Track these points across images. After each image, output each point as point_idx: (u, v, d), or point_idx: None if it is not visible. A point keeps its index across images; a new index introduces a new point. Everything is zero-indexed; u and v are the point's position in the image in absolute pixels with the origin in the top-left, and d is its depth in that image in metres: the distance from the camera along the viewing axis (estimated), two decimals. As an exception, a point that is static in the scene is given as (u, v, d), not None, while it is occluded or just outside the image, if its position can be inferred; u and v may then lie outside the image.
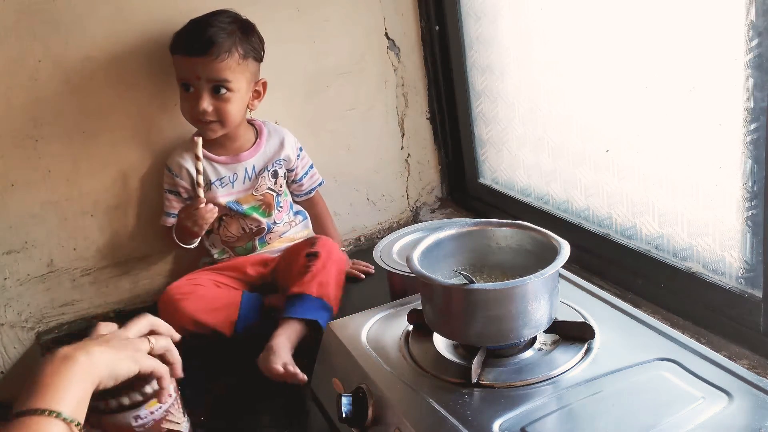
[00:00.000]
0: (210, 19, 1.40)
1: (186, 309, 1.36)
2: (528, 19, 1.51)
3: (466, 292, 0.91)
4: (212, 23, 1.39)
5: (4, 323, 1.56)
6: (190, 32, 1.40)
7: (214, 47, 1.37)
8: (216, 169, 1.50)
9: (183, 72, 1.42)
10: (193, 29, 1.40)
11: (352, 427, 0.96)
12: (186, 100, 1.44)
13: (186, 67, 1.41)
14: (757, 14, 1.02)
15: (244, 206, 1.52)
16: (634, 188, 1.34)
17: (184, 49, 1.40)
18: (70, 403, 0.75)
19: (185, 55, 1.40)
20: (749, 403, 0.83)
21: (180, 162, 1.49)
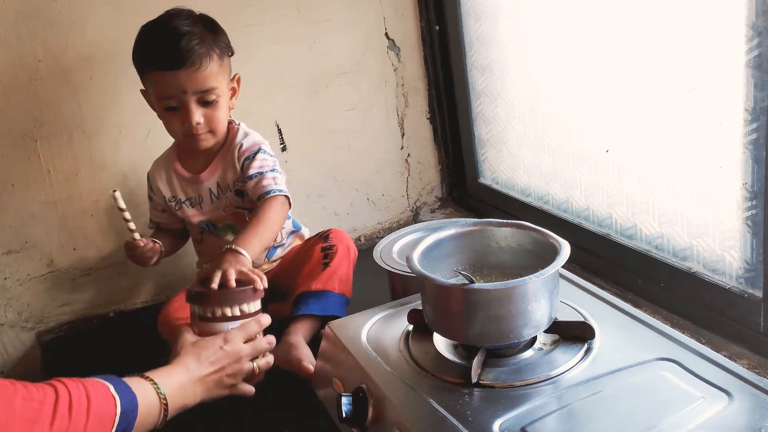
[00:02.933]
0: (173, 26, 1.26)
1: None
2: (528, 19, 1.51)
3: (466, 292, 0.91)
4: (178, 29, 1.25)
5: (4, 323, 1.56)
6: (161, 45, 1.25)
7: (195, 56, 1.24)
8: (183, 187, 1.42)
9: (165, 89, 1.27)
10: (163, 41, 1.26)
11: (352, 427, 0.96)
12: (173, 118, 1.31)
13: (168, 84, 1.26)
14: (757, 14, 1.02)
15: (218, 226, 1.43)
16: (634, 188, 1.34)
17: (161, 65, 1.25)
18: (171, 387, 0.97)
19: (163, 70, 1.25)
20: (749, 403, 0.83)
21: (156, 178, 1.43)
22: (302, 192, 1.78)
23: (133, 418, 0.89)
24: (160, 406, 0.95)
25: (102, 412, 0.86)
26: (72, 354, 1.51)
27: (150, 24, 1.30)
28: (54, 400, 0.83)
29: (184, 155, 1.43)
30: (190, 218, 1.43)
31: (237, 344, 1.06)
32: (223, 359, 1.04)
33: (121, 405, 0.88)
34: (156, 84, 1.29)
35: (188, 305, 1.19)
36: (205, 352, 1.03)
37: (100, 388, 0.88)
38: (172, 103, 1.29)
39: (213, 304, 1.11)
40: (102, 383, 0.89)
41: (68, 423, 0.82)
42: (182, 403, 0.99)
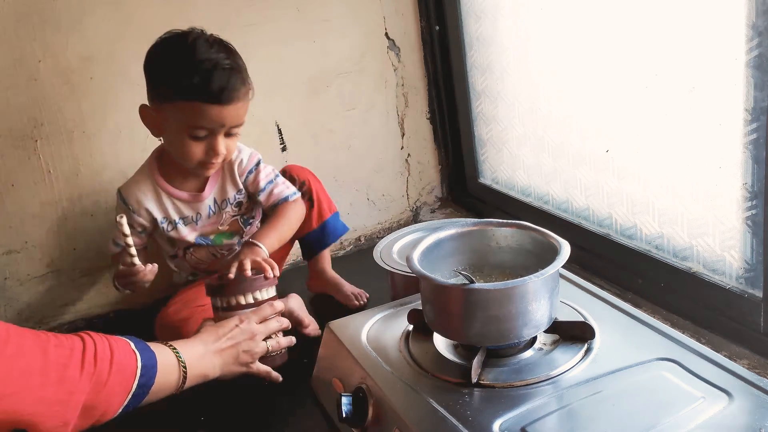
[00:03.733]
0: (215, 60, 1.22)
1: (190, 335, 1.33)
2: (528, 19, 1.51)
3: (466, 292, 0.91)
4: (221, 64, 1.22)
5: (4, 323, 1.56)
6: (211, 79, 1.21)
7: (240, 94, 1.24)
8: (178, 208, 1.38)
9: (202, 121, 1.23)
10: (212, 75, 1.21)
11: (352, 427, 0.96)
12: (196, 146, 1.26)
13: (208, 117, 1.23)
14: (757, 14, 1.02)
15: (211, 237, 1.43)
16: (634, 188, 1.34)
17: (209, 98, 1.21)
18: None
19: (209, 104, 1.22)
20: (749, 403, 0.83)
21: (140, 199, 1.36)
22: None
23: (153, 374, 0.97)
24: (179, 369, 1.02)
25: (124, 363, 0.93)
26: (72, 354, 1.50)
27: (180, 49, 1.23)
28: (82, 348, 0.90)
29: (173, 175, 1.37)
30: (183, 237, 1.40)
31: (251, 324, 1.14)
32: (238, 335, 1.12)
33: (141, 360, 0.95)
34: (191, 113, 1.23)
35: (187, 308, 1.29)
36: (222, 330, 1.12)
37: (122, 343, 0.95)
38: (202, 133, 1.25)
39: (228, 294, 1.19)
40: (124, 340, 0.96)
41: (93, 370, 0.89)
42: (201, 372, 1.06)
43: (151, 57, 1.27)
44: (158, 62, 1.26)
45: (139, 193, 1.37)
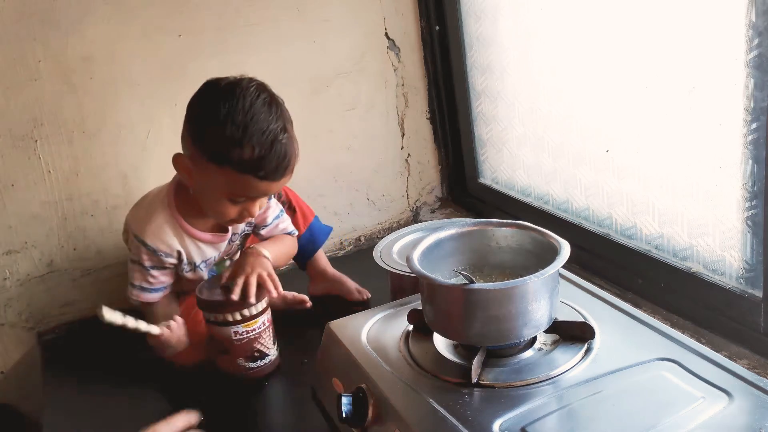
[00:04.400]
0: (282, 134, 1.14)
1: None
2: (528, 19, 1.51)
3: (466, 292, 0.91)
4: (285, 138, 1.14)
5: (4, 323, 1.56)
6: (272, 157, 1.13)
7: (293, 166, 1.17)
8: (202, 250, 1.32)
9: (250, 192, 1.17)
10: (275, 153, 1.12)
11: (352, 427, 0.96)
12: (232, 208, 1.20)
13: (258, 189, 1.17)
14: (757, 14, 1.02)
15: (214, 267, 1.41)
16: (634, 188, 1.34)
17: (265, 175, 1.14)
18: None
19: (263, 179, 1.14)
20: (749, 403, 0.83)
21: (170, 243, 1.27)
22: (302, 192, 1.77)
23: None
24: None
25: None
26: (72, 354, 1.50)
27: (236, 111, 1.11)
28: None
29: (193, 215, 1.28)
30: (201, 277, 1.35)
31: None
32: None
33: None
34: (239, 184, 1.15)
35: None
36: None
37: None
38: (242, 199, 1.19)
39: (227, 311, 1.22)
40: None
41: None
42: None
43: (204, 107, 1.15)
44: (213, 118, 1.12)
45: (166, 237, 1.27)
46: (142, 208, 1.32)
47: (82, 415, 1.29)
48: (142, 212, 1.31)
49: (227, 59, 1.61)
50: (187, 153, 1.20)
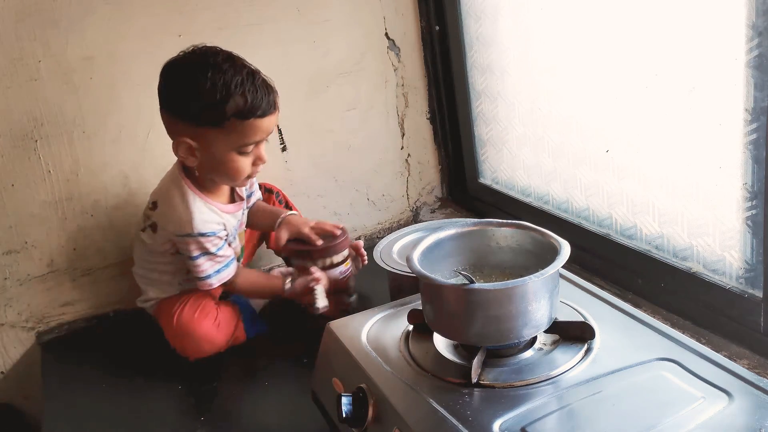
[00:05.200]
0: (257, 73, 1.26)
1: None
2: (528, 19, 1.51)
3: (466, 292, 0.91)
4: (259, 74, 1.26)
5: (4, 323, 1.56)
6: (262, 94, 1.24)
7: (277, 97, 1.28)
8: (230, 222, 1.38)
9: (255, 135, 1.25)
10: (260, 89, 1.24)
11: (352, 427, 0.95)
12: (244, 160, 1.28)
13: (261, 129, 1.25)
14: (757, 14, 1.02)
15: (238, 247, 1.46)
16: (634, 188, 1.34)
17: (263, 112, 1.24)
18: None
19: (263, 117, 1.24)
20: (749, 403, 0.83)
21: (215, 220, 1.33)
22: (302, 192, 1.78)
23: None
24: None
25: None
26: (72, 354, 1.51)
27: (216, 71, 1.21)
28: None
29: (211, 192, 1.35)
30: (235, 248, 1.41)
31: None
32: None
33: None
34: (244, 131, 1.24)
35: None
36: None
37: None
38: (249, 148, 1.26)
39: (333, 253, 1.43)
40: None
41: None
42: None
43: (181, 87, 1.23)
44: (195, 90, 1.21)
45: (210, 217, 1.32)
46: (171, 209, 1.32)
47: (82, 415, 1.29)
48: (174, 212, 1.31)
49: (227, 59, 1.61)
50: (184, 133, 1.25)
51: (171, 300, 1.39)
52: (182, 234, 1.31)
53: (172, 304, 1.38)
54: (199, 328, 1.35)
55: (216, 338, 1.36)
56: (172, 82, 1.25)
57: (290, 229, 1.45)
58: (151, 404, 1.32)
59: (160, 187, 1.37)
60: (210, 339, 1.36)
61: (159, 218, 1.34)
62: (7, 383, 1.59)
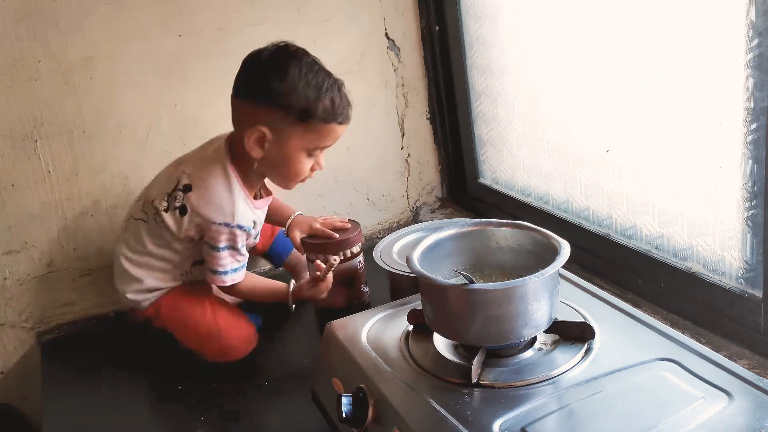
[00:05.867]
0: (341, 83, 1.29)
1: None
2: (528, 19, 1.51)
3: (466, 292, 0.91)
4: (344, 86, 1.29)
5: (4, 323, 1.56)
6: (345, 103, 1.28)
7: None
8: (259, 219, 1.39)
9: (331, 140, 1.29)
10: (344, 98, 1.28)
11: (352, 427, 0.95)
12: (307, 162, 1.30)
13: (336, 135, 1.29)
14: (757, 14, 1.02)
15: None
16: (634, 188, 1.34)
17: (343, 119, 1.28)
18: None
19: (340, 124, 1.28)
20: (749, 403, 0.83)
21: (251, 218, 1.34)
22: (302, 192, 1.77)
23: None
24: None
25: None
26: (72, 354, 1.51)
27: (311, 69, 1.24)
28: None
29: (249, 185, 1.35)
30: (253, 244, 1.42)
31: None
32: None
33: None
34: (322, 134, 1.26)
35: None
36: None
37: None
38: (317, 152, 1.30)
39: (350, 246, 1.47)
40: None
41: None
42: None
43: (276, 76, 1.22)
44: (292, 82, 1.22)
45: (248, 213, 1.33)
46: (213, 194, 1.29)
47: (82, 415, 1.29)
48: (217, 199, 1.29)
49: (227, 59, 1.60)
50: (263, 122, 1.23)
51: (181, 297, 1.38)
52: (220, 222, 1.28)
53: (188, 303, 1.38)
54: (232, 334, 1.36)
55: (248, 345, 1.38)
56: (264, 70, 1.24)
57: (302, 228, 1.49)
58: (151, 404, 1.32)
59: (196, 170, 1.31)
60: (243, 345, 1.37)
61: (194, 202, 1.29)
62: (7, 383, 1.59)
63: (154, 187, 1.37)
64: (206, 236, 1.31)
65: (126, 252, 1.37)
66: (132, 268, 1.37)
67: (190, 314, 1.37)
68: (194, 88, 1.60)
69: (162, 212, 1.31)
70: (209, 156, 1.33)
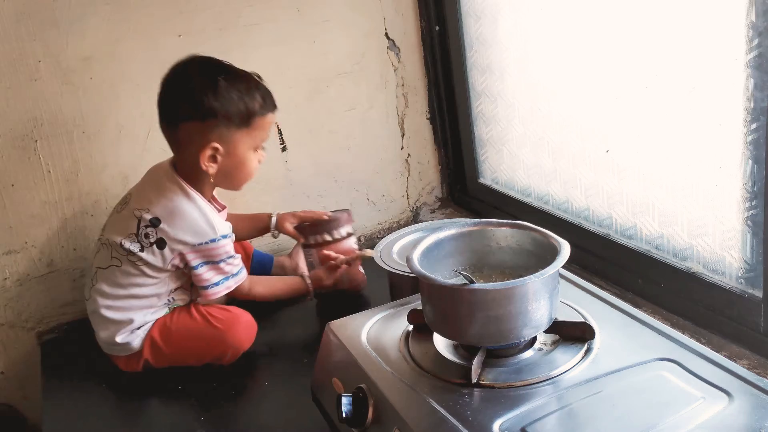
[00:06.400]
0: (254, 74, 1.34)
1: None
2: (528, 19, 1.51)
3: (466, 292, 0.91)
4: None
5: (4, 323, 1.56)
6: (267, 90, 1.33)
7: None
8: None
9: (268, 130, 1.35)
10: (264, 86, 1.33)
11: (352, 427, 0.95)
12: (255, 160, 1.35)
13: (270, 123, 1.35)
14: (757, 14, 1.02)
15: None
16: (634, 188, 1.34)
17: (274, 106, 1.34)
18: None
19: (273, 111, 1.34)
20: (749, 403, 0.83)
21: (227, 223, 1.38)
22: (302, 192, 1.78)
23: None
24: None
25: None
26: (72, 354, 1.50)
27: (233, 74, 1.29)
28: None
29: (208, 199, 1.37)
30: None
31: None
32: None
33: None
34: (265, 127, 1.33)
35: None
36: None
37: None
38: (262, 144, 1.35)
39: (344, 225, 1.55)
40: None
41: None
42: None
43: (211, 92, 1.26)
44: (227, 93, 1.27)
45: (222, 220, 1.36)
46: (185, 219, 1.30)
47: (82, 415, 1.29)
48: (190, 222, 1.31)
49: (227, 59, 1.60)
50: (212, 139, 1.28)
51: (169, 319, 1.36)
52: (204, 242, 1.31)
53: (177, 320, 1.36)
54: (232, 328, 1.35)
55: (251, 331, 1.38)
56: (194, 91, 1.27)
57: (289, 219, 1.55)
58: (151, 404, 1.32)
59: (156, 203, 1.31)
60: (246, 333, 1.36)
61: (170, 232, 1.29)
62: (7, 383, 1.59)
63: (111, 233, 1.34)
64: (188, 260, 1.32)
65: (104, 302, 1.34)
66: (116, 314, 1.34)
67: (186, 329, 1.35)
68: (194, 88, 1.60)
69: (137, 253, 1.30)
70: (163, 185, 1.32)
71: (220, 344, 1.34)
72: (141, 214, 1.31)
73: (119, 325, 1.34)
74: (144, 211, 1.31)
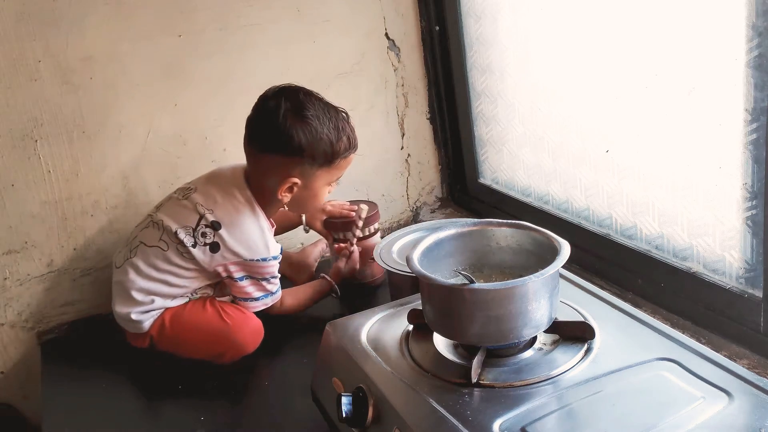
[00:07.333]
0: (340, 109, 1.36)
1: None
2: (528, 19, 1.51)
3: (466, 292, 0.91)
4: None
5: (4, 323, 1.56)
6: (352, 130, 1.35)
7: None
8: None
9: (346, 167, 1.38)
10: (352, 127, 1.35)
11: (352, 427, 0.96)
12: (327, 192, 1.39)
13: (350, 161, 1.37)
14: (757, 14, 1.02)
15: None
16: (634, 188, 1.34)
17: (356, 146, 1.36)
18: None
19: (354, 151, 1.36)
20: (749, 403, 0.83)
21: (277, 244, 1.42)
22: (302, 192, 1.77)
23: None
24: None
25: None
26: (72, 354, 1.51)
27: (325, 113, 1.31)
28: None
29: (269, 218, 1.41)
30: None
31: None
32: None
33: None
34: (344, 166, 1.36)
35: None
36: None
37: None
38: (336, 181, 1.39)
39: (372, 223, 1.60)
40: None
41: None
42: None
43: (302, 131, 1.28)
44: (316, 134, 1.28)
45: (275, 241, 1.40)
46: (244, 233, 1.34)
47: (82, 415, 1.29)
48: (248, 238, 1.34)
49: (227, 59, 1.61)
50: (294, 173, 1.31)
51: (183, 308, 1.37)
52: (256, 258, 1.35)
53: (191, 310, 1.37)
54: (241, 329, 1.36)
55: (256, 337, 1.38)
56: (286, 125, 1.28)
57: (318, 215, 1.60)
58: (151, 404, 1.32)
59: (223, 210, 1.34)
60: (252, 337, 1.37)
61: (228, 241, 1.32)
62: (7, 383, 1.59)
63: (169, 217, 1.35)
64: (232, 271, 1.35)
65: (134, 278, 1.34)
66: (139, 294, 1.35)
67: (196, 318, 1.36)
68: (194, 88, 1.60)
69: (189, 247, 1.33)
70: (233, 194, 1.35)
71: (224, 340, 1.34)
72: (204, 212, 1.34)
73: (140, 305, 1.36)
74: (208, 211, 1.34)
